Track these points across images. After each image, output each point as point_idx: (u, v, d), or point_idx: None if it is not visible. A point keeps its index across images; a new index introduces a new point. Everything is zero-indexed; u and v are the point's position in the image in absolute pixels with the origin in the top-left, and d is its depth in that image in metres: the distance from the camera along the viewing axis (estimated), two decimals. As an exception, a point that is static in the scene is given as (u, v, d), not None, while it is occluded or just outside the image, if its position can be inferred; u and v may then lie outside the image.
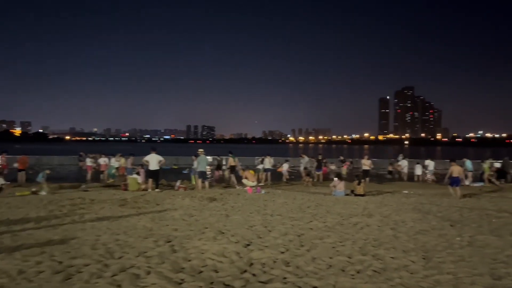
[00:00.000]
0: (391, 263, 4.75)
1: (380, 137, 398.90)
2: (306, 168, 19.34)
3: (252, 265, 4.59)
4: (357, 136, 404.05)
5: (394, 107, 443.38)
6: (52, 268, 4.21)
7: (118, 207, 9.30)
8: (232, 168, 17.61)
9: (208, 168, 16.28)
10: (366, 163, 18.93)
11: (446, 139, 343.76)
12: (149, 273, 4.14)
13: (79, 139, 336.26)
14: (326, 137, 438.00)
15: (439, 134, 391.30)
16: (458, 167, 13.35)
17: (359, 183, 13.73)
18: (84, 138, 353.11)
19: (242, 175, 16.24)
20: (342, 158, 26.20)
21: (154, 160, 14.08)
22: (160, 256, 4.79)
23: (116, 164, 19.19)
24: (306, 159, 20.01)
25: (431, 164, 21.22)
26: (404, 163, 22.37)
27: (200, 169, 14.71)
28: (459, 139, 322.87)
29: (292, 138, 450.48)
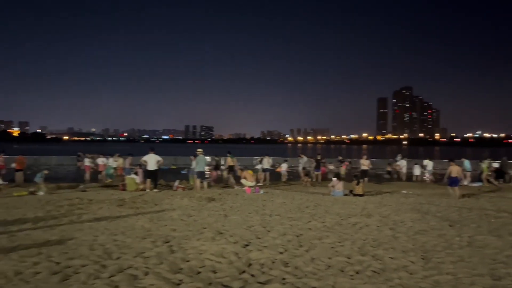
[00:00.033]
0: (390, 263, 4.74)
1: (378, 137, 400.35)
2: (305, 168, 19.37)
3: (250, 265, 4.58)
4: (355, 136, 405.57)
5: (393, 107, 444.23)
6: (50, 269, 4.19)
7: (116, 207, 9.27)
8: (230, 168, 17.60)
9: (206, 168, 16.26)
10: (364, 163, 18.95)
11: (444, 139, 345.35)
12: (147, 273, 4.12)
13: (77, 139, 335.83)
14: (324, 137, 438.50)
15: (437, 134, 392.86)
16: (457, 167, 13.38)
17: (357, 183, 13.74)
18: (83, 138, 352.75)
19: (240, 175, 16.23)
20: (340, 158, 26.21)
21: (152, 160, 14.09)
22: (158, 256, 4.77)
23: (114, 164, 19.13)
24: (305, 159, 20.04)
25: (430, 164, 21.28)
26: (402, 163, 22.44)
27: (198, 169, 14.70)
28: (458, 139, 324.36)
29: (290, 138, 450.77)
